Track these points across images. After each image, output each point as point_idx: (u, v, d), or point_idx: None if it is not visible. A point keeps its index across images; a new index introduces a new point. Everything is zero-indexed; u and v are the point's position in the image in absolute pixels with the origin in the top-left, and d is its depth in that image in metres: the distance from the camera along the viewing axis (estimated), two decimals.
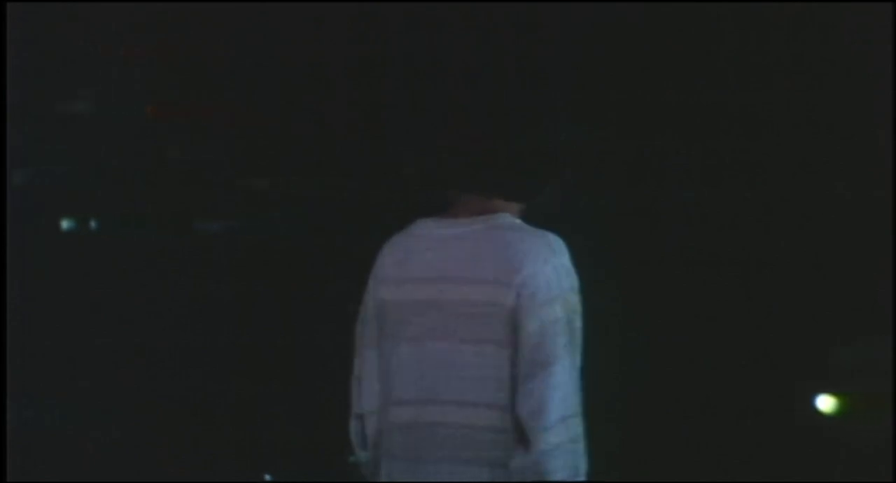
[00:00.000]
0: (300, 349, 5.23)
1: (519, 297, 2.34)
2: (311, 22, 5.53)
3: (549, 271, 2.36)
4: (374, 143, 5.53)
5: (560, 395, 2.33)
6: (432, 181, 2.52)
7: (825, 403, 5.14)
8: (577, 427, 2.35)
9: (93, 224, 5.44)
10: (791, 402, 2.31)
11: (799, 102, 5.36)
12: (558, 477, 2.31)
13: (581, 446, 2.36)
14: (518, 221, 2.46)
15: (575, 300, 2.38)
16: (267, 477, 5.10)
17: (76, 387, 5.10)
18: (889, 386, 5.01)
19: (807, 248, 5.32)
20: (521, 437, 2.33)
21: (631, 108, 5.32)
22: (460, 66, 5.23)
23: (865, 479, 4.91)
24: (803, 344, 4.99)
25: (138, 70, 5.50)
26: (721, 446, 2.23)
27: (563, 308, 2.36)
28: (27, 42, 4.71)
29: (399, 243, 2.51)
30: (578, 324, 2.38)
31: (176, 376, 5.10)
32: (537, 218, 2.46)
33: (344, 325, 5.23)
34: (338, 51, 5.57)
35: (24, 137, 5.02)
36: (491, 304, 2.37)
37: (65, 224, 5.40)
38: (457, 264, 2.42)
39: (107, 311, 5.15)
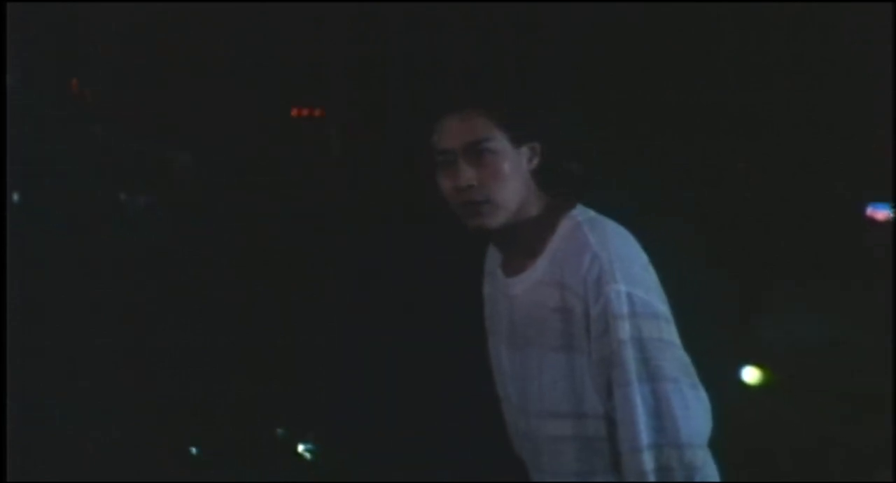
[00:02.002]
0: (225, 322, 5.23)
1: None
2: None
3: None
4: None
5: None
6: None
7: (751, 375, 5.20)
8: None
9: (15, 197, 5.36)
10: (716, 373, 2.34)
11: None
12: None
13: None
14: None
15: None
16: (192, 450, 5.11)
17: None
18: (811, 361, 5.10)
19: (743, 221, 5.36)
20: None
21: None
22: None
23: (789, 451, 4.97)
24: (730, 316, 5.03)
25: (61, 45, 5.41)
26: None
27: None
28: None
29: None
30: None
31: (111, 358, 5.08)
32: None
33: (273, 296, 5.29)
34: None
35: None
36: None
37: None
38: None
39: (38, 288, 5.08)
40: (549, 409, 2.35)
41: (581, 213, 2.37)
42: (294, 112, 5.77)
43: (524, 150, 2.38)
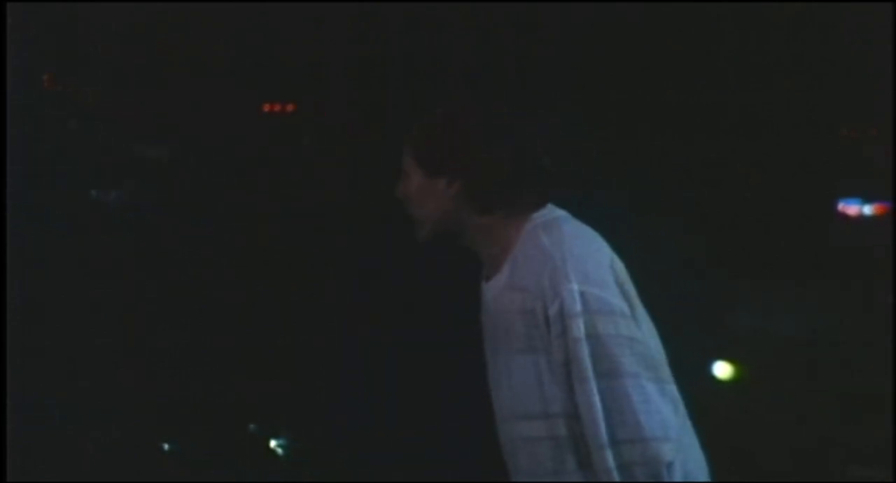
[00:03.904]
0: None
1: None
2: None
3: None
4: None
5: None
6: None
7: (722, 370, 5.22)
8: None
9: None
10: (688, 368, 2.35)
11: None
12: None
13: None
14: None
15: None
16: (165, 446, 5.12)
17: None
18: (782, 354, 5.13)
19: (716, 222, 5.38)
20: None
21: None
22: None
23: (761, 445, 4.99)
24: (700, 311, 5.05)
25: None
26: None
27: None
28: None
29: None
30: None
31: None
32: None
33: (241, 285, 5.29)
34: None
35: None
36: None
37: None
38: None
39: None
40: (521, 412, 2.38)
41: (542, 215, 2.42)
42: (266, 107, 5.79)
43: (440, 179, 2.43)
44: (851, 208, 5.58)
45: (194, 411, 5.11)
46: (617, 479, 2.25)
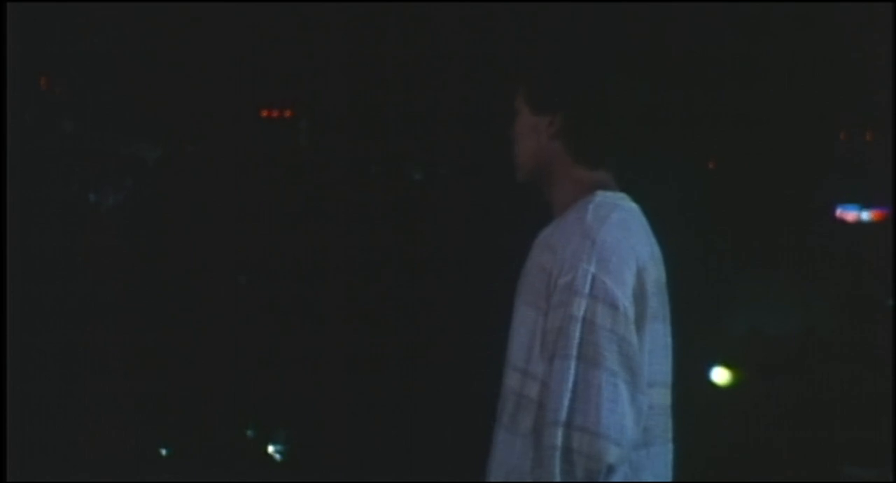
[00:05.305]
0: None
1: None
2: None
3: None
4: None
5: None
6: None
7: (720, 376, 5.24)
8: None
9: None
10: (686, 374, 2.37)
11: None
12: None
13: None
14: None
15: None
16: (163, 451, 5.13)
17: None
18: (780, 357, 5.14)
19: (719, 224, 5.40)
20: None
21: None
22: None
23: (761, 445, 5.01)
24: (699, 313, 5.06)
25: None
26: None
27: None
28: None
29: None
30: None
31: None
32: None
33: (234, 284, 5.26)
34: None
35: None
36: None
37: None
38: None
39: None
40: (511, 361, 2.45)
41: (607, 196, 2.49)
42: (264, 112, 5.81)
43: (544, 117, 2.53)
44: (850, 214, 5.59)
45: (193, 414, 5.12)
46: (557, 460, 2.28)
